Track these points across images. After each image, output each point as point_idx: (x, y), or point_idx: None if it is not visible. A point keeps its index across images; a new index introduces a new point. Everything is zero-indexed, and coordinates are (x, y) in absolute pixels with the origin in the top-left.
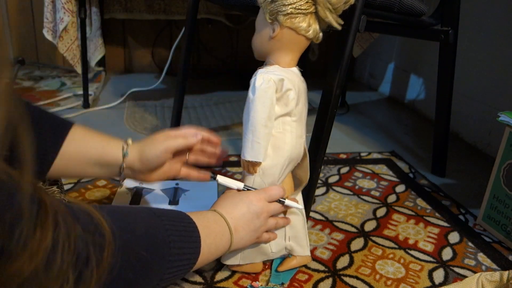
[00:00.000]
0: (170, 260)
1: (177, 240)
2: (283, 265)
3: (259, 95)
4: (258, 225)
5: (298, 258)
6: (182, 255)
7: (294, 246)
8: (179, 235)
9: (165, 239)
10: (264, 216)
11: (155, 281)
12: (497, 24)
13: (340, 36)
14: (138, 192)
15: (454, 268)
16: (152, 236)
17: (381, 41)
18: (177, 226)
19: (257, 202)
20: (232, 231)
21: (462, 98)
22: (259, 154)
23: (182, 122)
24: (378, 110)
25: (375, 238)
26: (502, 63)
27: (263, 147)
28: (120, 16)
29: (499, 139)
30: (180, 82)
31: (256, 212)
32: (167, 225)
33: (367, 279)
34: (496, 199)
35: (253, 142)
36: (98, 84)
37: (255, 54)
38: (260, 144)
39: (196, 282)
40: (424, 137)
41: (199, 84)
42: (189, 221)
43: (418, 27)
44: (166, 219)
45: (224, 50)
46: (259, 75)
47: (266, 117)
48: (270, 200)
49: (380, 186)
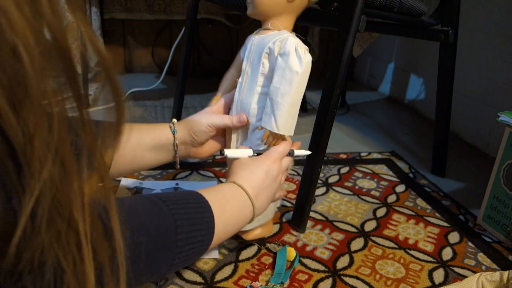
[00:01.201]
0: (178, 245)
1: (185, 224)
2: (248, 234)
3: (306, 71)
4: (276, 187)
5: (262, 228)
6: (192, 238)
7: None
8: (188, 218)
9: (171, 226)
10: (280, 177)
11: (164, 268)
12: (497, 24)
13: (340, 36)
14: (138, 192)
15: (454, 268)
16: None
17: (381, 41)
18: (186, 209)
19: (273, 164)
20: (253, 202)
21: (462, 98)
22: (291, 129)
23: None
24: (378, 110)
25: (375, 238)
26: (502, 63)
27: (295, 122)
28: (120, 16)
29: (499, 139)
30: (180, 82)
31: (274, 176)
32: (174, 209)
33: (367, 279)
34: (496, 199)
35: (290, 116)
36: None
37: (256, 11)
38: (295, 119)
39: (196, 282)
40: (424, 137)
41: (199, 84)
42: (200, 200)
43: (418, 27)
44: (172, 203)
45: (224, 50)
46: (300, 45)
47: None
48: (282, 157)
49: (380, 186)
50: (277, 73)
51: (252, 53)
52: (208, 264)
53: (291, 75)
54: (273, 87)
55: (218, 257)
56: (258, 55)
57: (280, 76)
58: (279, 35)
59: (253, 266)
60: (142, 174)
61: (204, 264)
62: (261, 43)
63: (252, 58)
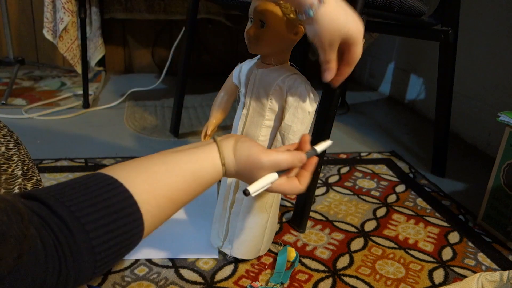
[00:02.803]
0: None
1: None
2: None
3: (315, 110)
4: None
5: None
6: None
7: None
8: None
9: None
10: None
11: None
12: (497, 24)
13: None
14: None
15: (454, 268)
16: None
17: (381, 41)
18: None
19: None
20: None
21: (462, 98)
22: None
23: (182, 122)
24: (378, 110)
25: (375, 238)
26: (502, 63)
27: None
28: (120, 16)
29: (499, 139)
30: (180, 82)
31: None
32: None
33: (367, 279)
34: (496, 199)
35: None
36: (98, 84)
37: (263, 51)
38: None
39: (196, 282)
40: (424, 137)
41: (199, 84)
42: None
43: (418, 27)
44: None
45: (224, 50)
46: (308, 85)
47: None
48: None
49: (380, 186)
50: (289, 112)
51: (256, 87)
52: (208, 264)
53: (303, 114)
54: (285, 124)
55: (218, 257)
56: (265, 90)
57: (292, 114)
58: (284, 71)
59: (253, 266)
60: None
61: (204, 264)
62: (267, 78)
63: (257, 92)
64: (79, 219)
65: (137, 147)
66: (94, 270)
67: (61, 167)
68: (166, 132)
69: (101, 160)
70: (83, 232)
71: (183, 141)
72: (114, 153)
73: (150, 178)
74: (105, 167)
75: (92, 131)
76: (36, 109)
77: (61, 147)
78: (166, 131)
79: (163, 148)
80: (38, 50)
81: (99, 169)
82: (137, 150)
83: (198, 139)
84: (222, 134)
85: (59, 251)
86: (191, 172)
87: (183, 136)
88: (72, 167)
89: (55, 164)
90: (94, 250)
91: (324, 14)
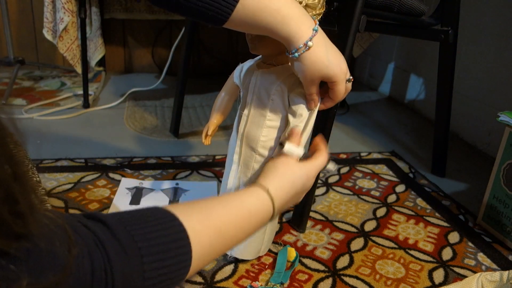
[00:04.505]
0: None
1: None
2: None
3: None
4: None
5: None
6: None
7: None
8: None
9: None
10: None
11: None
12: (497, 24)
13: (340, 36)
14: (138, 192)
15: (454, 268)
16: None
17: (381, 41)
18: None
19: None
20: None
21: (462, 98)
22: None
23: (182, 122)
24: (378, 110)
25: (375, 238)
26: (502, 63)
27: None
28: (120, 16)
29: (499, 139)
30: (180, 82)
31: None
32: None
33: (367, 279)
34: (496, 199)
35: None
36: (98, 84)
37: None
38: None
39: (196, 282)
40: (424, 137)
41: (199, 84)
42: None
43: (418, 27)
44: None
45: (224, 50)
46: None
47: None
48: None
49: (380, 186)
50: (295, 113)
51: (257, 87)
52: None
53: (306, 113)
54: (292, 125)
55: (218, 257)
56: (266, 90)
57: (299, 116)
58: (285, 71)
59: (253, 266)
60: (142, 174)
61: None
62: (268, 78)
63: (258, 92)
64: (136, 243)
65: (137, 147)
66: None
67: (61, 167)
68: (166, 132)
69: (101, 160)
70: (138, 256)
71: (183, 141)
72: (114, 153)
73: (203, 210)
74: None
75: (92, 131)
76: (36, 109)
77: (61, 147)
78: (166, 131)
79: (163, 148)
80: (38, 50)
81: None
82: (137, 150)
83: (198, 139)
84: (222, 134)
85: (109, 277)
86: (243, 208)
87: (183, 136)
88: (72, 167)
89: (55, 164)
90: (145, 275)
91: (307, 57)
